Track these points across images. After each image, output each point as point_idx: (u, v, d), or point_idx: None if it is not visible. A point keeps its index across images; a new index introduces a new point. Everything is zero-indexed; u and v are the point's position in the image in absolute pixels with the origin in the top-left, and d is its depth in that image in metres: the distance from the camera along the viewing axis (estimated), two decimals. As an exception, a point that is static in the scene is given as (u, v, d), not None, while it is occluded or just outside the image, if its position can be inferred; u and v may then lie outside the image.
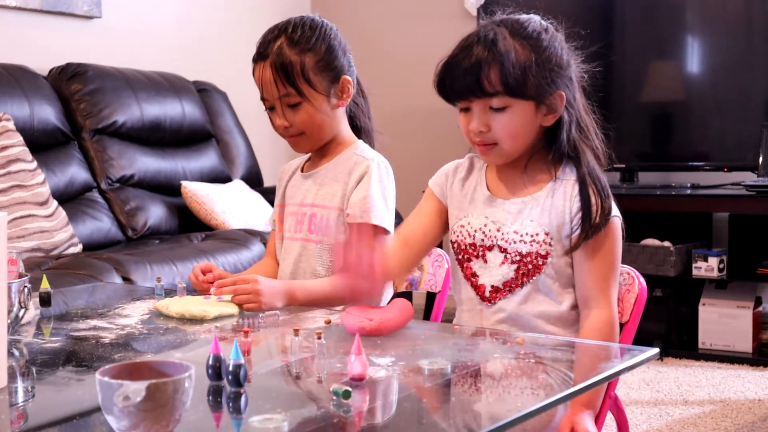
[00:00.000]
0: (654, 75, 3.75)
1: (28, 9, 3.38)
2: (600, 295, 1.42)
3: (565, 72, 1.45)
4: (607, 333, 1.41)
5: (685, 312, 3.54)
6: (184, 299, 1.49)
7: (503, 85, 1.39)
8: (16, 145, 2.86)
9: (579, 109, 1.48)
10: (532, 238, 1.44)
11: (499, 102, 1.41)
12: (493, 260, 1.47)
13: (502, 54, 1.39)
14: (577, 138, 1.48)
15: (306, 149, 1.78)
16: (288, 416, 0.90)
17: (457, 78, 1.43)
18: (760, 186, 3.20)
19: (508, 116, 1.42)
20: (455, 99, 1.46)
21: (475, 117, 1.44)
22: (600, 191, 1.44)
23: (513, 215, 1.47)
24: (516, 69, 1.39)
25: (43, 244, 2.76)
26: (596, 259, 1.42)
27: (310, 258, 1.71)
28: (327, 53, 1.68)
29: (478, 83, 1.40)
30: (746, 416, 2.70)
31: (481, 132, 1.44)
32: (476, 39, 1.42)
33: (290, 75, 1.65)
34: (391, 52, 4.33)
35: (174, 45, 3.99)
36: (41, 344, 1.29)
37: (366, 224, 1.56)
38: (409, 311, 1.32)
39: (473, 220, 1.50)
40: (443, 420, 0.95)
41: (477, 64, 1.40)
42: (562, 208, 1.44)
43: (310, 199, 1.74)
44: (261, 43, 1.70)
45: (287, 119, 1.68)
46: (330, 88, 1.69)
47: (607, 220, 1.42)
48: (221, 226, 3.35)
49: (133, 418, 0.81)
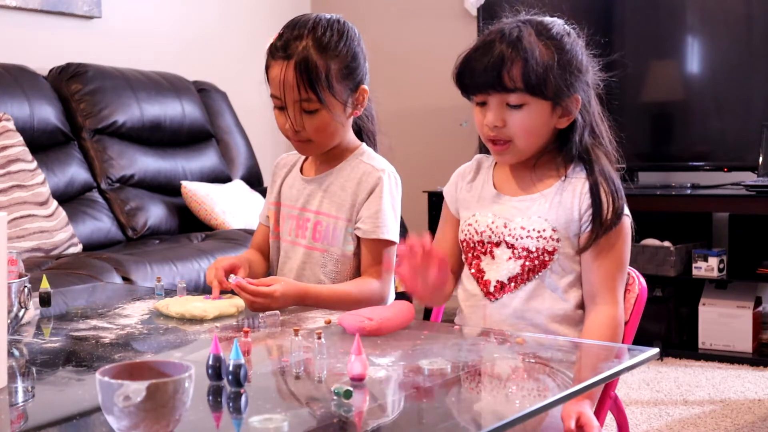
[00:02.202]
0: (654, 75, 3.75)
1: (28, 9, 3.38)
2: (607, 292, 1.43)
3: (584, 77, 1.47)
4: (613, 329, 1.41)
5: (685, 312, 3.54)
6: (184, 299, 1.49)
7: (524, 82, 1.40)
8: (16, 145, 2.86)
9: (594, 115, 1.50)
10: (539, 234, 1.44)
11: (517, 99, 1.42)
12: (500, 256, 1.47)
13: (526, 51, 1.41)
14: (590, 143, 1.49)
15: (311, 154, 1.73)
16: (288, 416, 0.90)
17: (478, 71, 1.43)
18: (760, 186, 3.20)
19: (525, 114, 1.43)
20: (473, 92, 1.46)
21: (491, 111, 1.44)
22: (613, 192, 1.44)
23: (520, 211, 1.47)
24: (538, 68, 1.40)
25: (43, 244, 2.76)
26: (605, 258, 1.43)
27: (314, 266, 1.68)
28: (352, 61, 1.62)
29: (499, 78, 1.41)
30: (746, 416, 2.70)
31: (496, 127, 1.44)
32: (500, 35, 1.43)
33: (314, 80, 1.57)
34: (391, 52, 4.33)
35: (174, 45, 3.99)
36: (41, 344, 1.29)
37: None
38: (410, 313, 1.32)
39: (480, 218, 1.51)
40: (443, 420, 0.95)
41: (500, 58, 1.41)
42: (570, 205, 1.45)
43: (314, 205, 1.70)
44: (283, 39, 1.61)
45: (301, 124, 1.61)
46: (349, 97, 1.63)
47: (619, 219, 1.43)
48: (221, 226, 3.35)
49: (133, 418, 0.81)
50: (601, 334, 1.40)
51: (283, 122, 1.64)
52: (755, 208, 3.29)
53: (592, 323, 1.42)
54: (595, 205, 1.43)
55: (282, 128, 1.65)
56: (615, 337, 1.41)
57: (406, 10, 4.42)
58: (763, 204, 3.22)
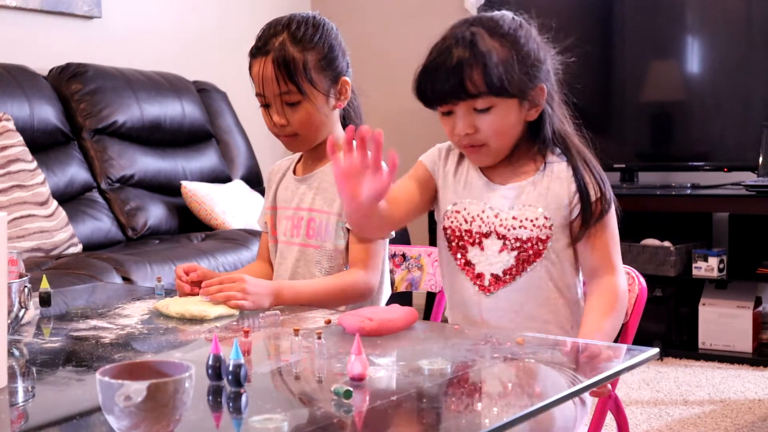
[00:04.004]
0: (654, 75, 3.75)
1: (28, 9, 3.38)
2: (606, 265, 1.44)
3: (544, 66, 1.45)
4: (614, 294, 1.41)
5: (685, 312, 3.54)
6: (184, 299, 1.49)
7: (487, 85, 1.38)
8: (16, 145, 2.86)
9: (557, 101, 1.49)
10: (533, 223, 1.44)
11: (483, 103, 1.40)
12: (490, 248, 1.46)
13: (483, 54, 1.38)
14: (561, 129, 1.49)
15: (300, 149, 1.75)
16: (288, 416, 0.90)
17: (438, 81, 1.41)
18: (760, 186, 3.20)
19: (494, 116, 1.41)
20: (437, 103, 1.44)
21: (460, 120, 1.42)
22: (599, 180, 1.45)
23: (510, 200, 1.46)
24: (499, 68, 1.38)
25: (43, 244, 2.76)
26: (599, 238, 1.44)
27: (309, 263, 1.69)
28: (329, 52, 1.66)
29: (461, 85, 1.39)
30: (746, 416, 2.70)
31: (468, 134, 1.43)
32: (454, 41, 1.41)
33: (292, 72, 1.62)
34: (391, 52, 4.33)
35: (174, 45, 3.99)
36: (41, 344, 1.29)
37: None
38: (413, 316, 1.32)
39: (470, 207, 1.49)
40: (443, 420, 0.95)
41: (459, 65, 1.38)
42: (559, 191, 1.45)
43: (307, 203, 1.72)
44: (261, 38, 1.67)
45: (285, 118, 1.65)
46: (330, 88, 1.67)
47: (609, 206, 1.43)
48: (221, 226, 3.35)
49: (133, 418, 0.81)
50: (604, 302, 1.41)
51: (269, 120, 1.68)
52: (755, 208, 3.29)
53: (593, 294, 1.43)
54: (580, 189, 1.43)
55: (269, 126, 1.69)
56: (617, 303, 1.41)
57: (406, 9, 4.42)
58: (763, 204, 3.22)
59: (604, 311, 1.40)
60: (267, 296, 1.48)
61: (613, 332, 1.40)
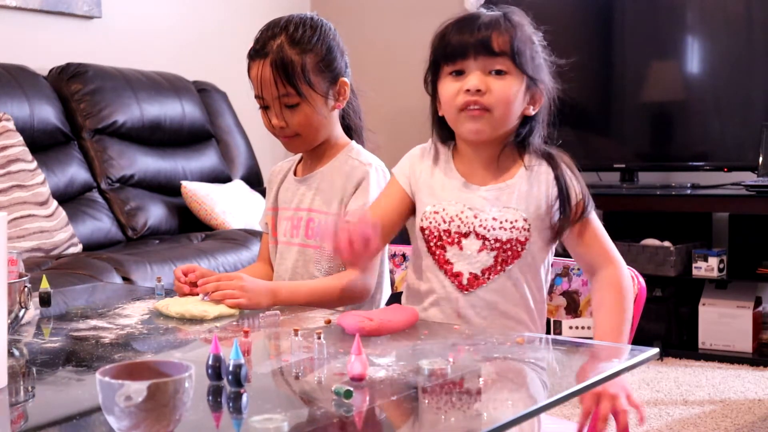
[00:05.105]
0: (654, 75, 3.75)
1: (28, 9, 3.38)
2: (603, 256, 1.46)
3: (548, 71, 1.49)
4: (617, 285, 1.43)
5: (685, 312, 3.54)
6: (184, 299, 1.49)
7: (511, 49, 1.42)
8: (16, 145, 2.86)
9: (546, 115, 1.51)
10: (512, 225, 1.45)
11: (501, 64, 1.43)
12: (469, 247, 1.47)
13: (515, 25, 1.45)
14: (546, 139, 1.52)
15: (299, 150, 1.76)
16: (288, 416, 0.90)
17: (467, 33, 1.44)
18: (760, 186, 3.20)
19: (507, 83, 1.43)
20: (456, 56, 1.45)
21: (474, 77, 1.43)
22: (578, 180, 1.47)
23: (490, 201, 1.47)
24: (525, 41, 1.44)
25: (43, 244, 2.76)
26: (588, 233, 1.46)
27: (308, 264, 1.69)
28: (327, 54, 1.67)
29: (488, 40, 1.42)
30: (746, 416, 2.70)
31: (479, 91, 1.43)
32: (487, 10, 1.47)
33: (291, 75, 1.62)
34: (391, 51, 4.33)
35: (174, 45, 3.99)
36: (41, 344, 1.29)
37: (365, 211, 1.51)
38: (413, 317, 1.32)
39: (449, 207, 1.49)
40: (443, 420, 0.95)
41: (491, 23, 1.43)
42: (538, 194, 1.46)
43: (306, 203, 1.72)
44: (259, 40, 1.67)
45: (284, 120, 1.65)
46: (328, 89, 1.67)
47: (591, 208, 1.46)
48: (221, 226, 3.35)
49: (134, 418, 0.81)
50: (608, 296, 1.42)
51: (268, 121, 1.69)
52: (755, 208, 3.30)
53: (598, 291, 1.45)
54: (561, 192, 1.45)
55: (268, 127, 1.70)
56: (622, 293, 1.43)
57: (405, 9, 4.42)
58: (763, 204, 3.22)
59: (614, 309, 1.42)
60: (264, 295, 1.47)
61: (628, 328, 1.41)
